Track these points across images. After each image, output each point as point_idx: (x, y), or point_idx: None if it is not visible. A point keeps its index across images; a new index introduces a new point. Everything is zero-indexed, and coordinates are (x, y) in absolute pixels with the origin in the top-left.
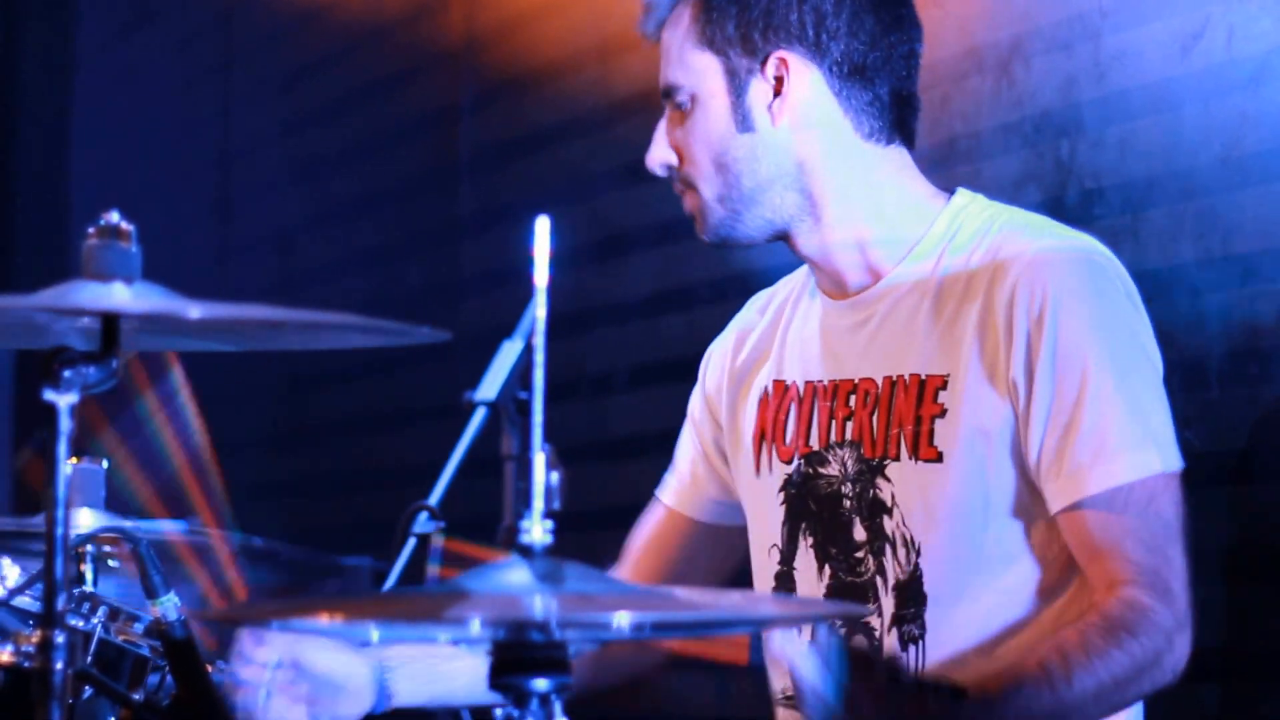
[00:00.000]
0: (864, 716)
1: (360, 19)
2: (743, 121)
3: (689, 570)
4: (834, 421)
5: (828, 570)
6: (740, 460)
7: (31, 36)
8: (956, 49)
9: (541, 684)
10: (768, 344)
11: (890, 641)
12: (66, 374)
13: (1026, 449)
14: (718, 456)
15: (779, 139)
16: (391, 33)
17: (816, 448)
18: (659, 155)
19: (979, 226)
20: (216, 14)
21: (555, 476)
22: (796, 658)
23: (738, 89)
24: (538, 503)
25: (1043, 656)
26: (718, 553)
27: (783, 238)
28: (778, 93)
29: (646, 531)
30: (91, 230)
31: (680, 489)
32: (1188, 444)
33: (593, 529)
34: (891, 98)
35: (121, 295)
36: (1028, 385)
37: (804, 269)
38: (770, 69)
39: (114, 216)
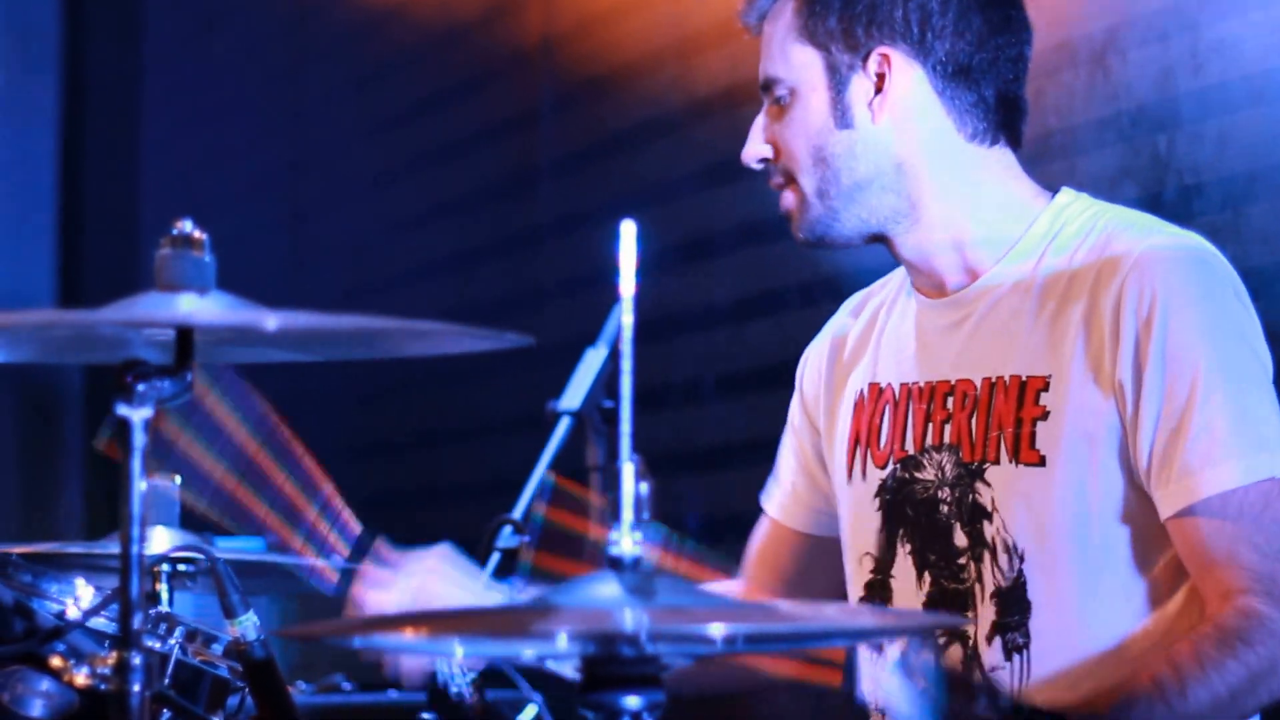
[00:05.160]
0: None
1: (434, 21)
2: (842, 117)
3: (806, 583)
4: (930, 424)
5: (928, 577)
6: (835, 466)
7: (98, 45)
8: (1049, 42)
9: (633, 701)
10: (863, 347)
11: (991, 652)
12: (140, 388)
13: (1135, 454)
14: (818, 465)
15: (879, 137)
16: (467, 35)
17: (912, 451)
18: (755, 150)
19: (1082, 225)
20: (287, 18)
21: (645, 487)
22: (890, 682)
23: (838, 84)
24: (627, 514)
25: (1155, 670)
26: (834, 565)
27: (879, 239)
28: (879, 90)
29: (756, 545)
30: (164, 240)
31: (783, 501)
32: None
33: (682, 541)
34: (997, 100)
35: (197, 306)
36: (1135, 388)
37: (900, 270)
38: (872, 65)
39: (187, 225)
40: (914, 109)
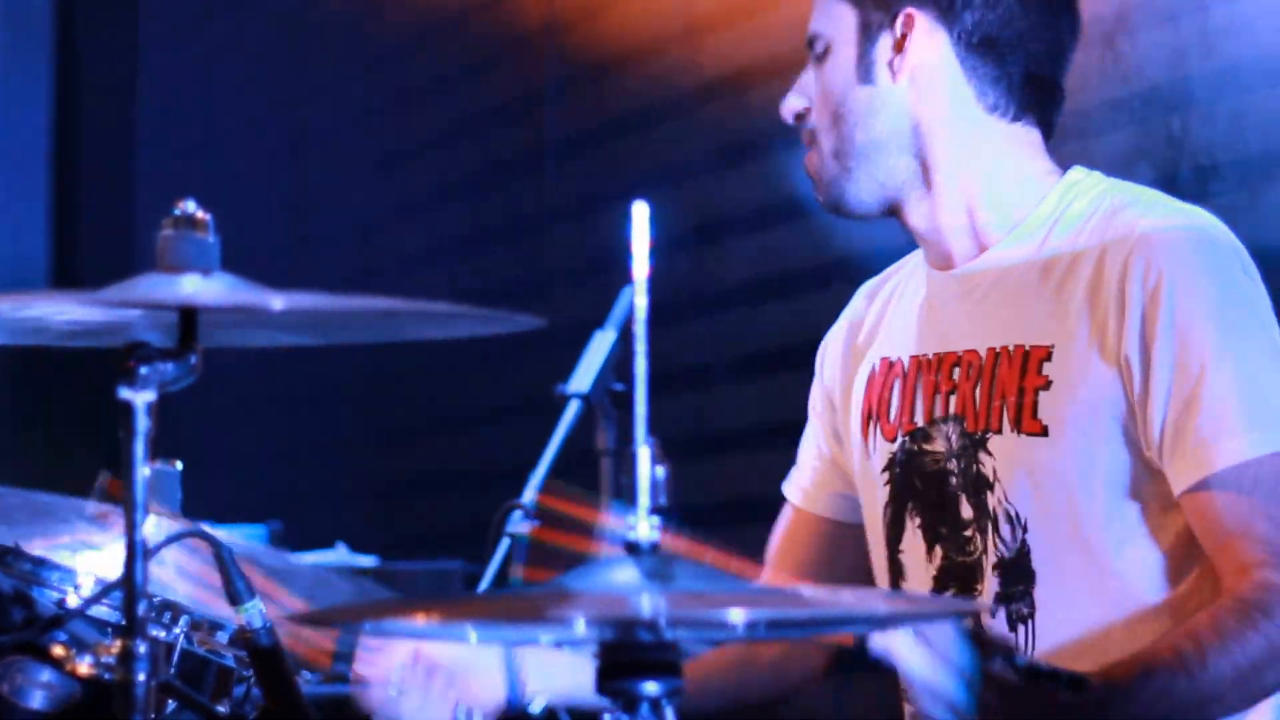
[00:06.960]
0: (988, 709)
1: (438, 2)
2: (865, 74)
3: (831, 572)
4: (938, 396)
5: (938, 551)
6: (851, 445)
7: (94, 22)
8: None
9: (652, 688)
10: (878, 326)
11: (996, 623)
12: (143, 371)
13: (1146, 429)
14: (839, 448)
15: (896, 96)
16: (471, 16)
17: (921, 424)
18: (790, 104)
19: (1090, 201)
20: None
21: (661, 471)
22: (907, 651)
23: (867, 41)
24: (643, 498)
25: (1174, 641)
26: (858, 552)
27: (895, 210)
28: (899, 49)
29: (779, 534)
30: (166, 220)
31: (803, 485)
32: None
33: (694, 526)
34: (1024, 78)
35: (200, 287)
36: (1144, 364)
37: (916, 254)
38: (898, 25)
39: (190, 205)
40: (934, 72)
